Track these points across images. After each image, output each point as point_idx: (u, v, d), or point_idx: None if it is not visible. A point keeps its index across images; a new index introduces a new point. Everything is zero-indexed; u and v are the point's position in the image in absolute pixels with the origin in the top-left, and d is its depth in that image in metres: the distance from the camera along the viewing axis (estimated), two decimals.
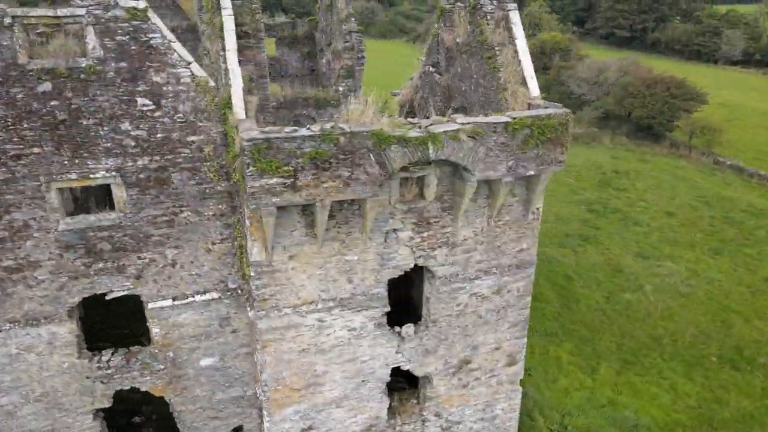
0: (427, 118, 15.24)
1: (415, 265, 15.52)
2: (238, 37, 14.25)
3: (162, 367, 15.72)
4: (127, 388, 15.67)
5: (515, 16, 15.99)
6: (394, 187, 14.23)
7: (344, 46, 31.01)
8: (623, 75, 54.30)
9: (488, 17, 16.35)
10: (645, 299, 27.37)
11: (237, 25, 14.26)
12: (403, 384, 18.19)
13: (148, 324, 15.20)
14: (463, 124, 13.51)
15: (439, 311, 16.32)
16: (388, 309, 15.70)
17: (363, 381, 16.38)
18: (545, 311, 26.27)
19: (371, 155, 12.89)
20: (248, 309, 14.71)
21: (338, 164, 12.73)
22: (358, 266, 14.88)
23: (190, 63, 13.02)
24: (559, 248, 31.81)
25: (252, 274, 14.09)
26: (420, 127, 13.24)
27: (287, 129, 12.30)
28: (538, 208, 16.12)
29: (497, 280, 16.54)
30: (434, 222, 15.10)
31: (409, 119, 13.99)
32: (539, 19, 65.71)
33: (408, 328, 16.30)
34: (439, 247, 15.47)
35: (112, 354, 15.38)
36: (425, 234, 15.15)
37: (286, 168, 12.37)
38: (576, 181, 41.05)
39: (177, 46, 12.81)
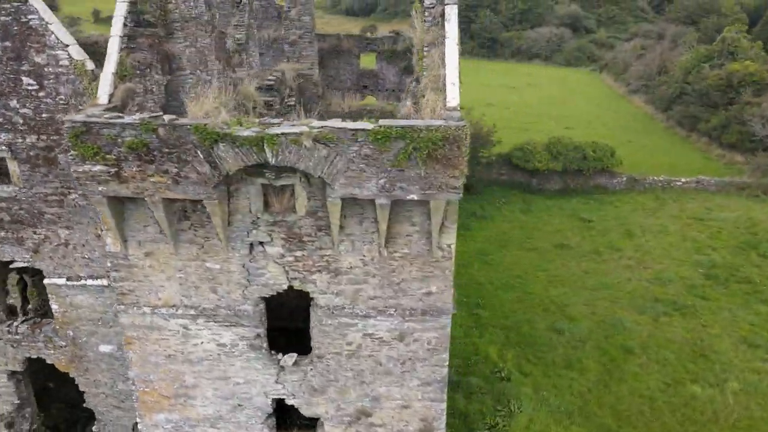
0: None
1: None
2: (138, 24, 14.07)
3: (63, 344, 16.12)
4: (35, 356, 16.39)
5: (451, 11, 13.29)
6: (254, 193, 12.69)
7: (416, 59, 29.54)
8: None
9: (426, 13, 13.88)
10: (721, 398, 20.78)
11: (138, 12, 14.10)
12: (309, 422, 16.16)
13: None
14: (311, 127, 11.50)
15: (325, 346, 14.16)
16: (260, 330, 14.08)
17: (239, 405, 14.90)
18: (573, 383, 21.45)
19: (199, 152, 11.63)
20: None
21: (163, 158, 11.72)
22: (221, 276, 13.57)
23: (67, 45, 13.16)
24: (635, 313, 25.89)
25: (109, 265, 13.69)
26: (259, 127, 11.58)
27: (108, 114, 11.68)
28: (449, 245, 13.10)
29: (398, 323, 13.83)
30: (309, 241, 13.13)
31: (270, 119, 12.35)
32: (735, 46, 55.35)
33: (289, 358, 14.43)
34: (318, 271, 13.42)
35: (22, 321, 16.22)
36: (299, 253, 13.26)
37: (109, 156, 11.75)
38: (708, 238, 33.30)
39: (55, 27, 13.04)
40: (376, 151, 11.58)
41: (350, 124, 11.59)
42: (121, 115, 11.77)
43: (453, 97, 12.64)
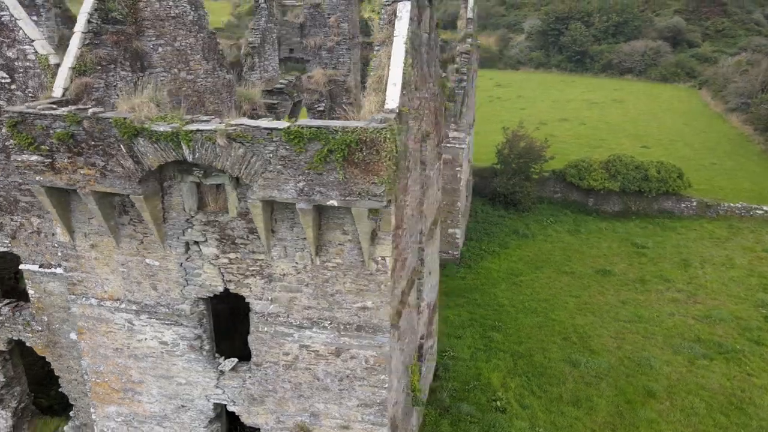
0: None
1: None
2: (107, 21, 14.36)
3: (39, 328, 16.74)
4: (17, 338, 17.16)
5: (402, 8, 12.43)
6: (186, 191, 12.48)
7: (455, 66, 28.79)
8: None
9: (383, 11, 13.08)
10: None
11: (106, 10, 14.38)
12: None
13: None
14: (227, 124, 11.09)
15: (262, 354, 13.65)
16: (199, 332, 13.80)
17: (183, 406, 14.70)
18: (575, 423, 19.34)
19: (122, 146, 11.58)
20: None
21: (90, 151, 11.79)
22: (160, 273, 13.47)
23: (33, 40, 13.68)
24: (669, 352, 23.06)
25: (59, 254, 14.00)
26: (177, 123, 11.32)
27: (41, 105, 11.93)
28: (383, 258, 12.16)
29: (334, 338, 13.05)
30: (241, 244, 12.72)
31: (201, 116, 12.07)
32: None
33: (228, 362, 14.05)
34: (252, 275, 12.96)
35: (6, 304, 17.02)
36: (232, 256, 12.88)
37: (43, 146, 11.99)
38: None
39: (23, 23, 13.61)
40: (293, 153, 10.97)
41: (264, 123, 11.09)
42: (53, 106, 11.98)
43: (392, 99, 11.76)
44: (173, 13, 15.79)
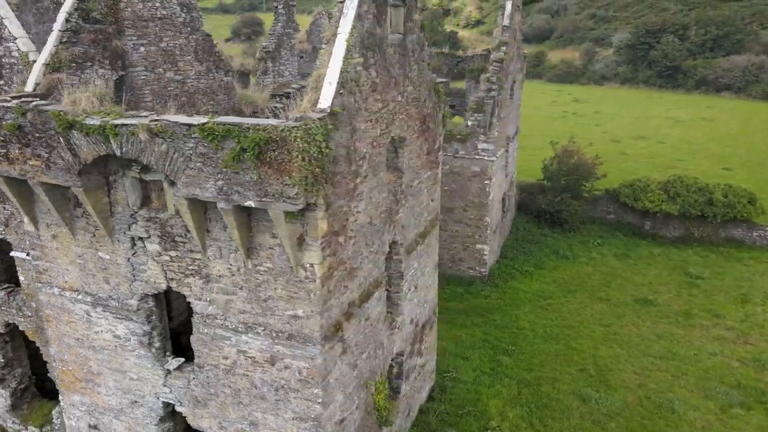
0: None
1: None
2: (85, 20, 14.79)
3: (30, 314, 17.49)
4: (12, 322, 18.03)
5: (349, 5, 11.83)
6: (128, 186, 12.53)
7: (486, 76, 27.86)
8: None
9: (336, 9, 12.53)
10: None
11: (87, 10, 14.81)
12: None
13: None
14: (151, 119, 10.97)
15: (203, 356, 13.42)
16: (147, 328, 13.77)
17: (136, 401, 14.74)
18: None
19: (61, 139, 11.78)
20: None
21: (36, 142, 12.11)
22: (111, 267, 13.60)
23: (17, 38, 14.35)
24: (699, 396, 20.43)
25: (27, 243, 14.50)
26: (108, 117, 11.34)
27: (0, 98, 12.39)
28: (311, 265, 11.54)
29: (268, 345, 12.57)
30: (180, 242, 12.58)
31: (139, 112, 12.06)
32: None
33: (175, 361, 13.94)
34: (192, 275, 12.78)
35: (3, 288, 17.94)
36: (173, 253, 12.78)
37: None
38: None
39: (8, 21, 14.30)
40: (211, 150, 10.67)
41: (183, 118, 10.85)
42: (7, 99, 12.41)
43: (326, 98, 11.18)
44: (159, 14, 16.08)
